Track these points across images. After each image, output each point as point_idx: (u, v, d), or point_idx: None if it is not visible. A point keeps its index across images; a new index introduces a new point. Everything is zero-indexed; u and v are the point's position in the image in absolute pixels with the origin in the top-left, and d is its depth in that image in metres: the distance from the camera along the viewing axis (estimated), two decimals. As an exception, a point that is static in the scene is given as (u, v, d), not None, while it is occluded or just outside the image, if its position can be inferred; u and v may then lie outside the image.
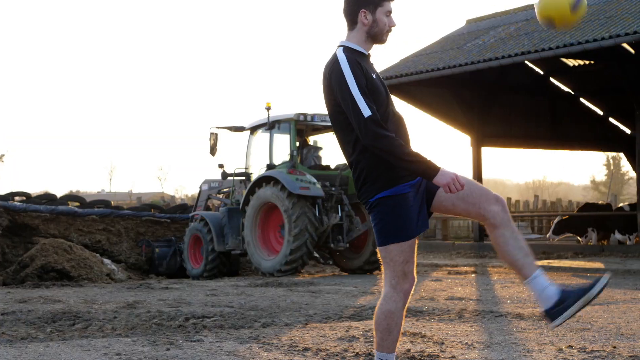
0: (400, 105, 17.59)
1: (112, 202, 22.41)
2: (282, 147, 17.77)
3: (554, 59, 25.46)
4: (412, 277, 4.92)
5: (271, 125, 17.48)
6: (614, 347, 6.99)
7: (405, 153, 4.67)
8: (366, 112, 4.69)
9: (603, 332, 7.94)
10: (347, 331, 8.14)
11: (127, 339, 7.72)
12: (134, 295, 12.50)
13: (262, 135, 18.11)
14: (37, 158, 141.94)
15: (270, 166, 17.43)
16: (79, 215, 19.22)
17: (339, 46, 4.96)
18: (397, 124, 4.89)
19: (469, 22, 29.47)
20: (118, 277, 16.71)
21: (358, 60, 4.85)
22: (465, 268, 18.56)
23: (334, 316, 9.42)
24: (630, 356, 6.59)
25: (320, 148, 18.10)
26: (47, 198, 20.42)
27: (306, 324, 8.76)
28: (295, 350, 6.97)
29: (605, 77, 28.30)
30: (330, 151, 18.85)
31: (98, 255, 17.60)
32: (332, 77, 4.83)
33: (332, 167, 17.91)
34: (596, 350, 6.86)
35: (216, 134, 18.10)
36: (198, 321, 8.93)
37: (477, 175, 26.63)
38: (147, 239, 19.85)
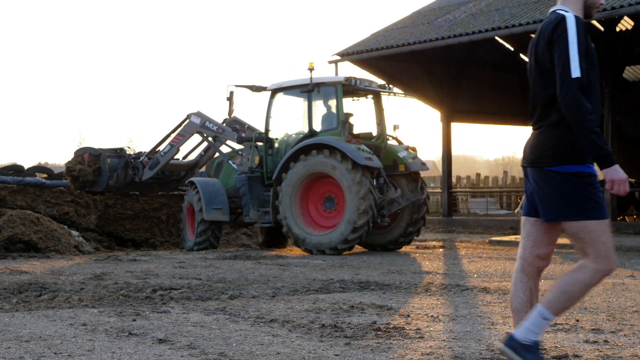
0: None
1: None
2: (308, 112, 16.13)
3: (524, 35, 25.43)
4: (615, 258, 4.76)
5: (310, 88, 15.83)
6: (577, 321, 7.08)
7: (594, 131, 4.60)
8: (575, 72, 4.65)
9: (567, 306, 8.02)
10: (314, 303, 8.18)
11: (94, 310, 7.71)
12: (102, 267, 12.46)
13: (283, 98, 16.57)
14: (4, 129, 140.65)
15: (312, 133, 15.91)
16: (46, 187, 19.08)
17: (559, 10, 4.89)
18: (597, 103, 4.80)
19: (440, -3, 29.48)
20: (86, 249, 16.66)
21: (583, 25, 4.79)
22: (434, 243, 18.68)
23: (302, 289, 9.46)
24: (593, 329, 6.67)
25: (351, 115, 16.23)
26: (15, 169, 20.27)
27: (274, 297, 8.79)
28: (262, 322, 6.99)
29: (574, 54, 28.41)
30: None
31: (66, 227, 17.51)
32: (555, 32, 4.76)
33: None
34: (559, 324, 6.94)
35: (232, 92, 16.75)
36: (165, 293, 8.93)
37: (447, 150, 26.74)
38: (89, 147, 18.41)
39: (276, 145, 16.50)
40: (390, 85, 17.02)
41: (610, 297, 8.72)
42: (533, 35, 22.97)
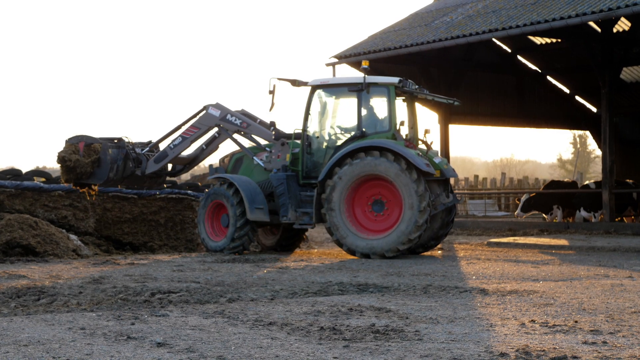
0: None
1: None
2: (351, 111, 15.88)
3: (521, 36, 25.56)
4: None
5: (362, 87, 15.51)
6: (576, 322, 7.07)
7: None
8: None
9: (565, 307, 8.03)
10: (312, 306, 8.17)
11: (92, 314, 7.70)
12: (100, 270, 12.46)
13: (324, 96, 16.07)
14: (2, 133, 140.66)
15: (362, 134, 15.53)
16: (44, 191, 19.01)
17: None
18: None
19: (437, -1, 29.51)
20: (84, 253, 16.64)
21: None
22: (432, 244, 18.64)
23: (300, 292, 9.46)
24: (591, 330, 6.67)
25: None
26: (13, 173, 20.21)
27: (272, 299, 8.79)
28: (261, 325, 6.99)
29: (571, 56, 28.48)
30: None
31: (64, 231, 17.48)
32: None
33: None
34: (558, 325, 6.93)
35: (275, 86, 15.98)
36: (164, 296, 8.93)
37: (445, 152, 26.74)
38: (84, 135, 17.23)
39: (316, 144, 16.08)
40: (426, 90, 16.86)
41: (608, 298, 8.72)
42: (530, 37, 22.73)
